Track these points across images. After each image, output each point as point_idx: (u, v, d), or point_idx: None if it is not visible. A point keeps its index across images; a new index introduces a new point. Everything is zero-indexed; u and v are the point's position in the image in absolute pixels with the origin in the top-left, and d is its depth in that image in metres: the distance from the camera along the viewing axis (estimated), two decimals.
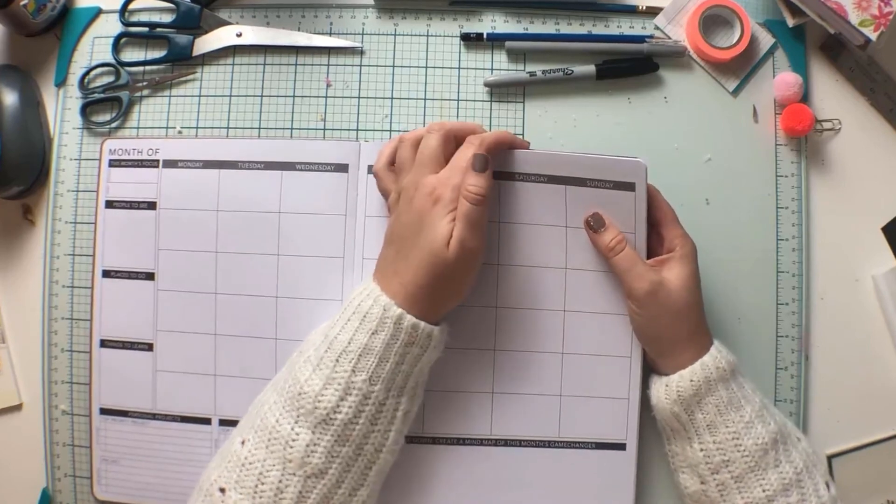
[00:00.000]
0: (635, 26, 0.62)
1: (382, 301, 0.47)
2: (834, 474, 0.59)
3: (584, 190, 0.53)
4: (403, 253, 0.48)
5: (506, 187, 0.53)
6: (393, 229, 0.50)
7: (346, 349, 0.47)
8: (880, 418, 0.59)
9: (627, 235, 0.53)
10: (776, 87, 0.60)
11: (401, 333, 0.47)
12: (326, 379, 0.46)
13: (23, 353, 0.60)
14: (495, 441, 0.55)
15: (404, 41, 0.61)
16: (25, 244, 0.61)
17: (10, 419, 0.60)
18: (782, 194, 0.60)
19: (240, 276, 0.57)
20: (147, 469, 0.58)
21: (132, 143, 0.59)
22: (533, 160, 0.53)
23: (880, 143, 0.61)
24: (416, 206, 0.48)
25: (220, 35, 0.61)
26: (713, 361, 0.51)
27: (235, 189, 0.57)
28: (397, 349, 0.47)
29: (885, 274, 0.59)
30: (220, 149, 0.58)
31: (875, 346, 0.60)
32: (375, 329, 0.47)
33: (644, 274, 0.51)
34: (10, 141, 0.58)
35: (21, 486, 0.59)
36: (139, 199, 0.58)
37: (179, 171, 0.58)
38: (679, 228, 0.54)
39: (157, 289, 0.58)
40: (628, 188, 0.53)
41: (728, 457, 0.49)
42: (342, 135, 0.60)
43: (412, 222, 0.48)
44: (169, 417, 0.57)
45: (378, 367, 0.47)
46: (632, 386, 0.55)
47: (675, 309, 0.51)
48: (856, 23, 0.57)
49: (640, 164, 0.53)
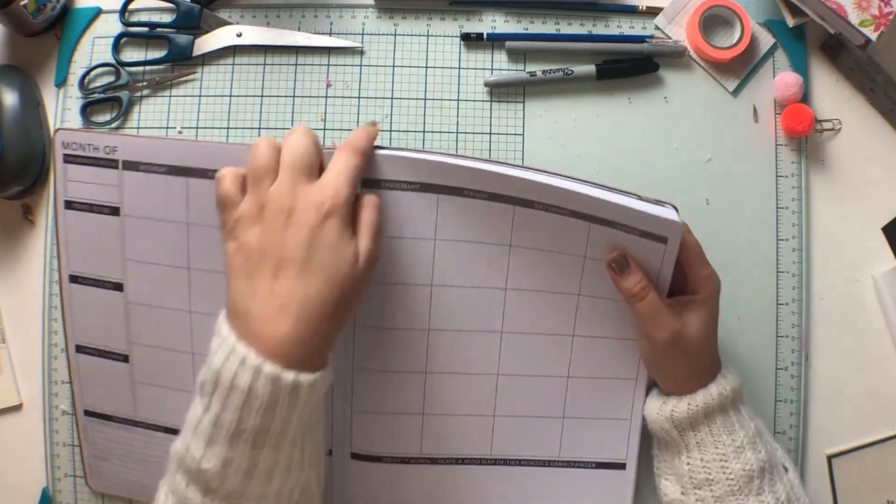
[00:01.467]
0: (635, 26, 0.62)
1: (268, 374, 0.40)
2: (834, 474, 0.59)
3: (610, 231, 0.48)
4: (286, 280, 0.41)
5: (521, 213, 0.49)
6: (261, 251, 0.42)
7: (238, 430, 0.40)
8: (880, 418, 0.59)
9: (651, 279, 0.49)
10: (776, 87, 0.60)
11: (297, 395, 0.41)
12: (224, 459, 0.41)
13: (23, 353, 0.60)
14: (494, 461, 0.55)
15: (404, 41, 0.61)
16: (25, 244, 0.61)
17: (10, 419, 0.60)
18: (782, 194, 0.60)
19: (216, 295, 0.49)
20: (137, 470, 0.57)
21: (86, 138, 0.52)
22: (557, 194, 0.47)
23: (880, 143, 0.61)
24: (303, 221, 0.42)
25: (220, 35, 0.61)
26: (717, 389, 0.49)
27: (207, 202, 0.49)
28: (297, 411, 0.41)
29: (885, 274, 0.59)
30: (184, 152, 0.50)
31: (875, 346, 0.60)
32: (269, 405, 0.40)
33: (666, 323, 0.48)
34: (10, 141, 0.58)
35: (21, 486, 0.59)
36: (100, 203, 0.52)
37: (142, 175, 0.51)
38: (706, 268, 0.50)
39: (126, 301, 0.53)
40: (659, 240, 0.48)
41: (713, 476, 0.49)
42: (342, 135, 0.60)
43: (299, 241, 0.42)
44: (153, 427, 0.56)
45: (280, 434, 0.41)
46: (635, 407, 0.54)
47: (690, 353, 0.50)
48: (856, 23, 0.57)
49: (677, 225, 0.47)
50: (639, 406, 0.54)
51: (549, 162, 0.60)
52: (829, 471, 0.59)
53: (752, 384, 0.58)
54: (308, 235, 0.42)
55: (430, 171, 0.48)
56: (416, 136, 0.60)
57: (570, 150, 0.60)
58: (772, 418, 0.58)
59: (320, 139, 0.59)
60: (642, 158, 0.60)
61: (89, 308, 0.54)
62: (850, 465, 0.59)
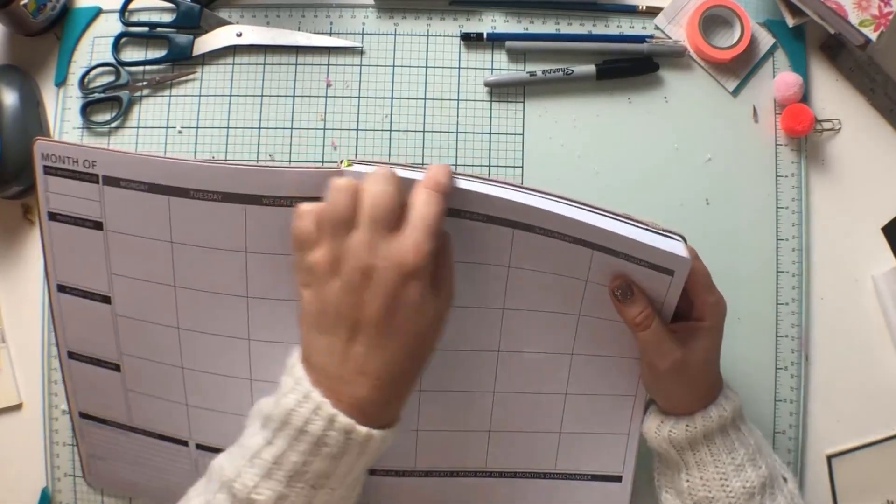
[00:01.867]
0: (635, 26, 0.62)
1: (341, 425, 0.40)
2: (834, 474, 0.59)
3: (614, 259, 0.46)
4: (364, 346, 0.41)
5: (521, 236, 0.47)
6: (338, 310, 0.41)
7: (300, 471, 0.40)
8: (880, 418, 0.59)
9: (655, 307, 0.47)
10: (776, 87, 0.60)
11: (366, 448, 0.41)
12: (279, 494, 0.40)
13: (23, 353, 0.60)
14: (489, 473, 0.54)
15: (404, 41, 0.61)
16: (25, 244, 0.61)
17: (10, 419, 0.60)
18: (782, 194, 0.60)
19: (205, 314, 0.51)
20: (132, 471, 0.57)
21: (65, 151, 0.50)
22: (559, 222, 0.45)
23: (880, 143, 0.61)
24: (382, 281, 0.40)
25: (220, 35, 0.61)
26: (717, 412, 0.48)
27: (190, 221, 0.48)
28: (361, 461, 0.42)
29: (885, 274, 0.59)
30: (165, 170, 0.48)
31: (875, 346, 0.60)
32: (336, 454, 0.40)
33: (669, 352, 0.47)
34: (10, 141, 0.58)
35: (21, 485, 0.59)
36: (83, 217, 0.51)
37: (123, 191, 0.49)
38: (713, 295, 0.48)
39: (114, 313, 0.52)
40: (666, 272, 0.46)
41: (713, 494, 0.48)
42: (342, 134, 0.60)
43: (378, 305, 0.40)
44: (147, 433, 0.55)
45: (342, 478, 0.42)
46: (633, 422, 0.53)
47: (692, 380, 0.49)
48: (856, 23, 0.57)
49: (685, 260, 0.45)
50: (637, 421, 0.53)
51: (548, 162, 0.60)
52: (828, 471, 0.59)
53: (752, 384, 0.58)
54: (388, 299, 0.40)
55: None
56: (416, 136, 0.60)
57: (570, 150, 0.60)
58: (771, 418, 0.58)
59: (320, 139, 0.60)
60: (642, 158, 0.60)
61: (78, 317, 0.53)
62: (850, 465, 0.59)
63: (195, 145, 0.60)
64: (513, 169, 0.60)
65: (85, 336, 0.54)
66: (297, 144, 0.60)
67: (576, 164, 0.60)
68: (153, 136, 0.60)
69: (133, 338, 0.53)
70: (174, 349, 0.52)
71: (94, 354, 0.54)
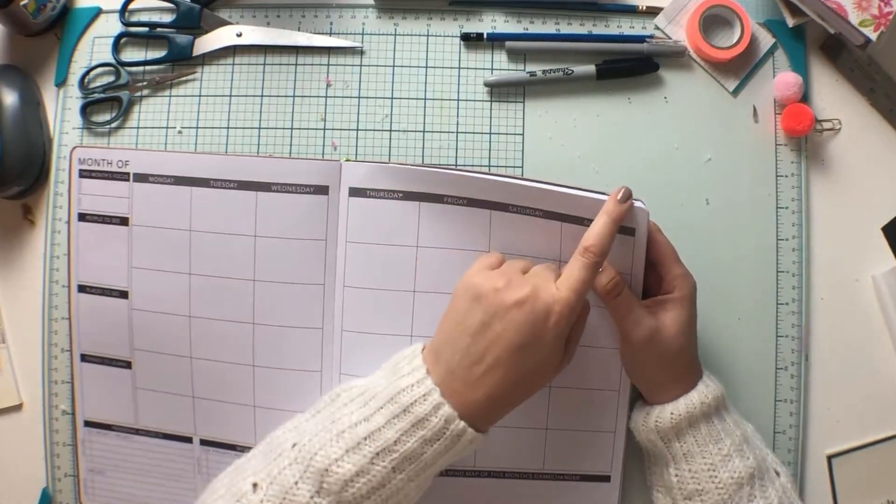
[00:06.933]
0: (635, 26, 0.62)
1: (444, 413, 0.43)
2: (834, 474, 0.59)
3: (581, 229, 0.49)
4: (490, 367, 0.44)
5: (497, 217, 0.51)
6: (483, 320, 0.45)
7: (390, 447, 0.43)
8: (880, 418, 0.59)
9: (624, 276, 0.51)
10: (776, 87, 0.60)
11: (456, 444, 0.44)
12: (360, 468, 0.43)
13: (23, 353, 0.60)
14: (478, 472, 0.55)
15: (404, 41, 0.61)
16: (25, 244, 0.61)
17: (10, 419, 0.60)
18: (782, 194, 0.60)
19: (214, 299, 0.55)
20: (132, 482, 0.58)
21: (101, 154, 0.56)
22: (529, 195, 0.51)
23: (880, 143, 0.61)
24: (531, 318, 0.44)
25: (220, 35, 0.61)
26: (698, 397, 0.50)
27: (208, 209, 0.55)
28: (444, 456, 0.44)
29: (885, 274, 0.59)
30: (190, 164, 0.55)
31: (875, 346, 0.60)
32: (430, 438, 0.43)
33: (641, 320, 0.50)
34: (10, 141, 0.58)
35: (21, 486, 0.59)
36: (111, 214, 0.56)
37: (151, 186, 0.55)
38: (679, 268, 0.52)
39: (130, 308, 0.56)
40: (628, 232, 0.50)
41: (702, 486, 0.49)
42: (342, 134, 0.60)
43: (523, 337, 0.44)
44: (152, 433, 0.57)
45: (421, 469, 0.44)
46: (619, 419, 0.54)
47: (668, 354, 0.50)
48: (856, 23, 0.57)
49: (642, 211, 0.50)
50: (623, 418, 0.54)
51: (549, 162, 0.60)
52: (828, 471, 0.59)
53: (752, 384, 0.58)
54: (530, 337, 0.44)
55: (409, 179, 0.52)
56: (416, 136, 0.60)
57: (570, 150, 0.60)
58: (771, 418, 0.58)
59: (320, 139, 0.60)
60: (642, 158, 0.60)
61: (95, 317, 0.57)
62: (850, 464, 0.59)
63: (195, 145, 0.60)
64: (513, 169, 0.60)
65: (99, 336, 0.57)
66: (297, 144, 0.60)
67: (576, 164, 0.60)
68: (153, 136, 0.60)
69: (146, 332, 0.56)
70: (184, 339, 0.55)
71: (106, 354, 0.57)
